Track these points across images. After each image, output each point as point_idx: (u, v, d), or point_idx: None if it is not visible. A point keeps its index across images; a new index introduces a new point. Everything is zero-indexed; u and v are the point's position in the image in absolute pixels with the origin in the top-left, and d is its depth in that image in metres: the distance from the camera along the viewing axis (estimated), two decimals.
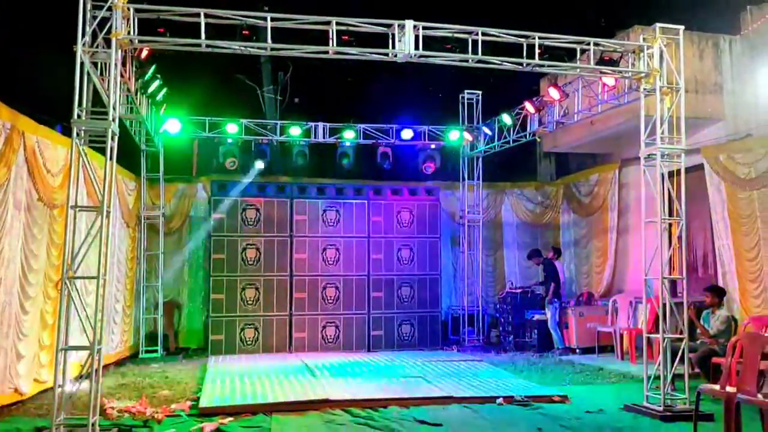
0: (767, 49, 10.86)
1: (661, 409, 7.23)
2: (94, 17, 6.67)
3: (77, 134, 6.65)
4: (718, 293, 8.91)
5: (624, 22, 11.84)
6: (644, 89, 8.07)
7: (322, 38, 7.38)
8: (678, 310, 7.86)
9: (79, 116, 6.62)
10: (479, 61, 7.78)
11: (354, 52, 7.53)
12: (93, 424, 6.29)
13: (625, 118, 11.12)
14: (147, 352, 11.95)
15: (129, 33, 6.90)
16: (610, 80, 9.04)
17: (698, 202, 10.91)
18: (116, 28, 6.74)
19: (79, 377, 6.71)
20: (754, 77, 10.97)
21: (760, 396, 5.84)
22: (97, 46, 6.77)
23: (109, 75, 6.84)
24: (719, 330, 8.57)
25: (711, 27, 11.54)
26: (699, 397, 6.51)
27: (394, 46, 7.53)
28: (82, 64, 6.62)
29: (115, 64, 6.80)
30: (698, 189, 10.69)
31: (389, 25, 7.51)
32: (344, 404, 7.64)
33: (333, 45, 7.36)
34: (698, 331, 8.76)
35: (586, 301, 12.92)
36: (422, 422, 6.98)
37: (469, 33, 7.68)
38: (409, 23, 7.44)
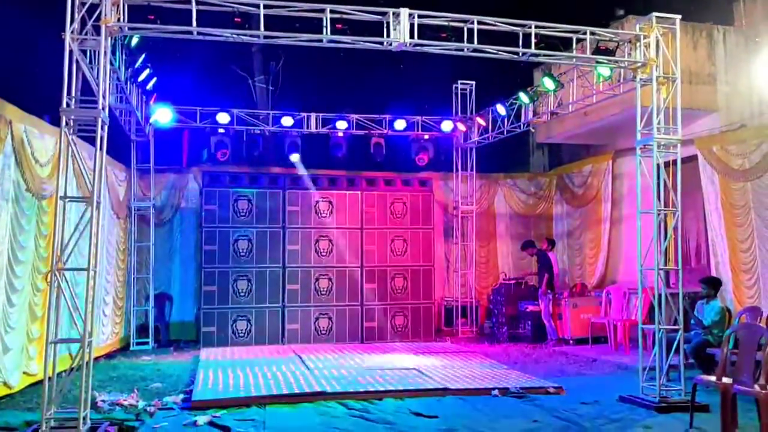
0: (762, 40, 10.83)
1: (656, 400, 7.22)
2: (83, 4, 6.52)
3: (66, 123, 6.51)
4: (714, 284, 8.90)
5: (617, 12, 11.80)
6: (640, 79, 8.01)
7: (315, 26, 7.27)
8: (673, 301, 7.84)
9: (68, 105, 6.49)
10: (475, 50, 7.69)
11: (348, 41, 7.41)
12: (84, 418, 6.19)
13: (619, 109, 11.07)
14: (138, 344, 11.85)
15: (119, 20, 6.74)
16: (605, 70, 8.96)
17: (691, 192, 10.89)
18: (105, 14, 6.59)
19: (70, 370, 6.60)
20: (747, 68, 10.94)
21: (756, 387, 5.82)
22: (86, 34, 6.61)
23: (98, 63, 6.70)
24: (713, 321, 8.57)
25: (704, 17, 11.50)
26: (695, 388, 6.51)
27: (388, 35, 7.42)
28: (70, 51, 6.47)
29: (105, 52, 6.66)
30: (691, 180, 10.66)
31: (384, 14, 7.40)
32: (339, 396, 7.58)
33: (327, 33, 7.24)
34: (692, 321, 8.75)
35: (579, 292, 12.91)
36: (418, 414, 6.94)
37: (465, 21, 7.58)
38: (404, 11, 7.34)
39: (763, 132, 9.83)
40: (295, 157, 12.38)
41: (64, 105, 6.43)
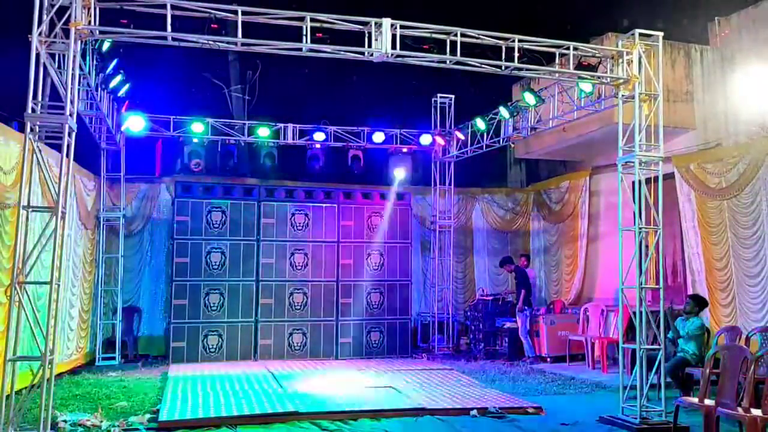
0: (737, 60, 10.94)
1: (637, 421, 7.09)
2: (52, 5, 6.28)
3: (31, 129, 6.23)
4: (700, 303, 8.81)
5: (595, 28, 11.83)
6: (622, 96, 7.97)
7: (295, 35, 7.10)
8: (653, 319, 7.76)
9: (33, 110, 6.21)
10: (457, 63, 7.59)
11: (328, 50, 7.25)
12: None
13: (597, 126, 11.09)
14: (104, 359, 11.44)
15: (89, 23, 6.50)
16: (587, 86, 8.92)
17: (668, 210, 10.88)
18: (76, 17, 6.35)
19: (30, 387, 6.27)
20: (724, 87, 11.03)
21: (740, 409, 5.73)
22: (54, 36, 6.36)
23: (67, 67, 6.43)
24: (693, 334, 8.47)
25: (680, 36, 11.60)
26: (677, 410, 6.41)
27: (370, 45, 7.28)
28: (37, 55, 6.21)
29: (74, 56, 6.40)
30: (668, 197, 10.67)
31: (366, 23, 7.25)
32: (313, 416, 7.33)
33: (307, 42, 7.07)
34: (670, 335, 8.65)
35: (556, 309, 12.83)
36: None
37: (448, 33, 7.47)
38: (387, 22, 7.20)
39: (740, 151, 9.89)
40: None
41: (29, 110, 6.17)
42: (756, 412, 5.64)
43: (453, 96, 13.36)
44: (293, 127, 12.30)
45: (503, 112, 11.41)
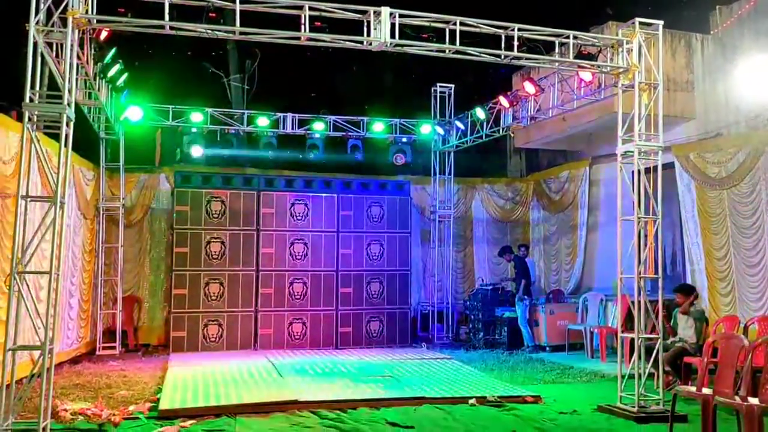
0: (738, 49, 10.89)
1: (635, 410, 7.12)
2: None
3: (29, 119, 6.22)
4: (688, 293, 8.82)
5: (596, 17, 11.80)
6: (622, 85, 7.94)
7: (293, 24, 7.07)
8: (651, 309, 7.77)
9: (31, 100, 6.20)
10: (456, 52, 7.56)
11: (327, 39, 7.22)
12: (44, 428, 5.92)
13: (597, 115, 11.07)
14: (105, 348, 11.47)
15: (87, 12, 6.49)
16: (587, 75, 8.89)
17: (668, 200, 10.88)
18: (73, 6, 6.33)
19: (30, 377, 6.29)
20: (725, 77, 11.00)
21: (737, 398, 5.75)
22: (52, 25, 6.33)
23: (65, 57, 6.40)
24: (695, 320, 8.49)
25: (681, 26, 11.55)
26: (675, 398, 6.43)
27: (369, 34, 7.25)
28: (35, 44, 6.18)
29: (72, 46, 6.38)
30: (668, 187, 10.66)
31: (364, 12, 7.22)
32: (312, 405, 7.36)
33: (305, 31, 7.04)
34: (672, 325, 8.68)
35: (556, 299, 12.86)
36: (393, 424, 6.75)
37: (447, 22, 7.44)
38: (386, 10, 7.17)
39: (740, 141, 9.88)
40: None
41: (27, 100, 6.15)
42: (753, 400, 5.66)
43: (452, 86, 13.31)
44: (292, 116, 12.27)
45: (503, 101, 11.37)
